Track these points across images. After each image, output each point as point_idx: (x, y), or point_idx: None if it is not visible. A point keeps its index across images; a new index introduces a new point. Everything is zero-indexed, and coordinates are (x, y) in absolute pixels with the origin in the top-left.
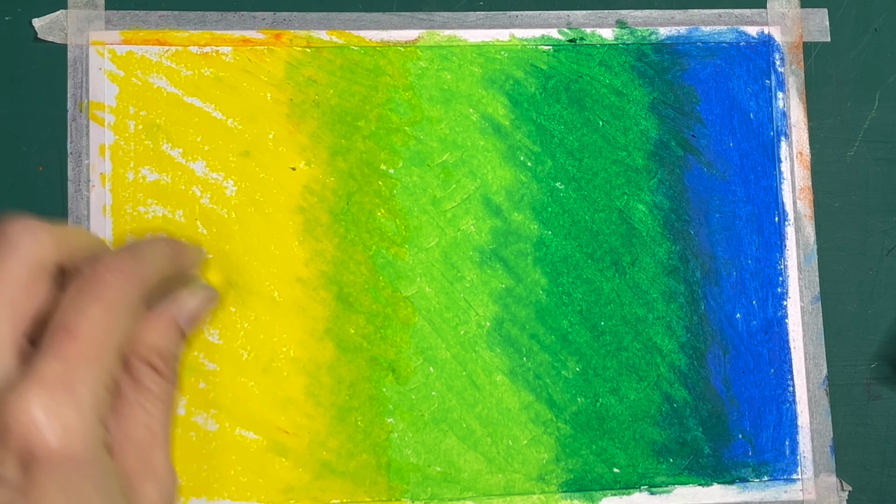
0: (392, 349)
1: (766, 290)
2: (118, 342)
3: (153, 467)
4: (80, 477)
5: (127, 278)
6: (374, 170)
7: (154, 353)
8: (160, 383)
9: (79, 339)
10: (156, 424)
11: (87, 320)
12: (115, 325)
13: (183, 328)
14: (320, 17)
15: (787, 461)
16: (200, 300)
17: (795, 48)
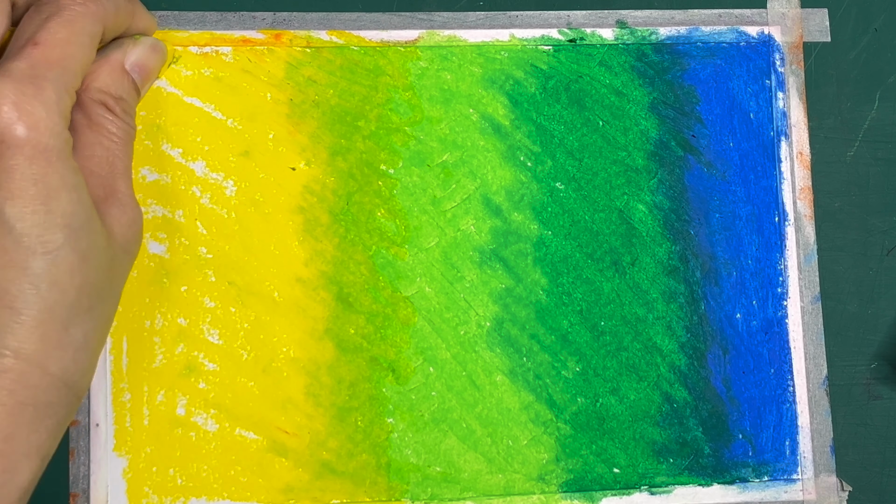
0: (392, 349)
1: (766, 290)
2: (79, 61)
3: (116, 195)
4: (48, 167)
5: (86, 8)
6: (374, 170)
7: (105, 94)
8: (115, 121)
9: (41, 46)
10: (115, 159)
11: (47, 32)
12: (76, 44)
13: (131, 75)
14: (320, 17)
15: (787, 461)
16: (150, 50)
17: (795, 48)
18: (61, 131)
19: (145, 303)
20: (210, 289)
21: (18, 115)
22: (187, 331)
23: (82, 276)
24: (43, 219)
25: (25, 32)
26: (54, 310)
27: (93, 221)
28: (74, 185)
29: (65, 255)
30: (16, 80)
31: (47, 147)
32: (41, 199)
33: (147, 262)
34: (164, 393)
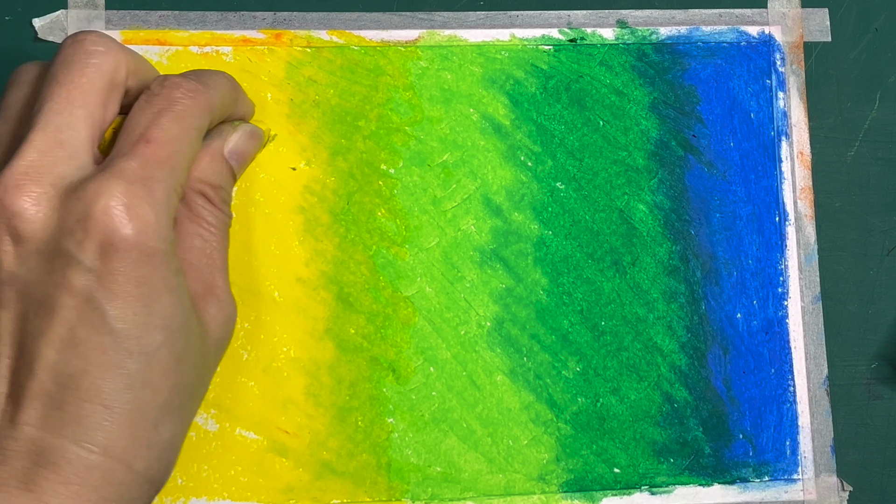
0: (392, 349)
1: (766, 289)
2: (187, 157)
3: (214, 290)
4: (153, 271)
5: (195, 100)
6: (375, 170)
7: (205, 184)
8: (213, 212)
9: (153, 144)
10: (213, 251)
11: (159, 129)
12: (185, 140)
13: (230, 163)
14: (320, 17)
15: (787, 461)
16: (246, 136)
17: (796, 48)
18: (168, 234)
19: None
20: None
21: (129, 217)
22: None
23: (176, 376)
24: (143, 320)
25: (138, 127)
26: (145, 409)
27: (190, 322)
28: (176, 287)
29: (161, 356)
30: (128, 181)
31: (154, 251)
32: (143, 302)
33: None
34: None
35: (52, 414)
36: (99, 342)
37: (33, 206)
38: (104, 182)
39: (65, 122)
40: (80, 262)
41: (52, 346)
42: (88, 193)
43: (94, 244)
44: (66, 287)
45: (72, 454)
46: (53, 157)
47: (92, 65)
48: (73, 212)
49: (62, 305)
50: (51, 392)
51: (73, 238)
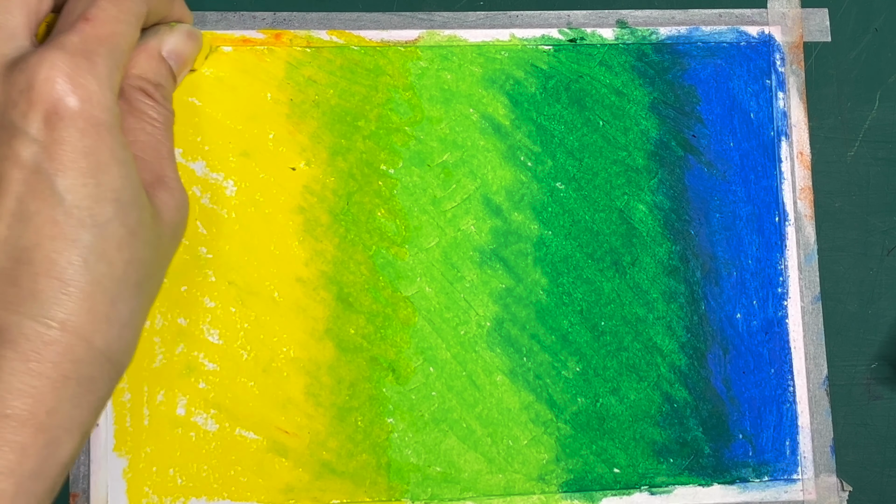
0: (392, 349)
1: (766, 290)
2: (126, 39)
3: (164, 179)
4: (99, 141)
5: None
6: (374, 170)
7: (144, 80)
8: (155, 107)
9: (93, 21)
10: (158, 144)
11: (98, 9)
12: (124, 21)
13: (168, 62)
14: (320, 17)
15: (787, 461)
16: (184, 36)
17: (796, 48)
18: (112, 106)
19: None
20: (210, 289)
21: (72, 87)
22: (187, 331)
23: (130, 250)
24: (93, 191)
25: (77, 8)
26: (102, 283)
27: (141, 198)
28: (124, 160)
29: (114, 228)
30: (69, 53)
31: (99, 120)
32: (92, 173)
33: None
34: (164, 393)
35: (7, 290)
36: (50, 214)
37: None
38: (46, 54)
39: (2, 5)
40: (26, 133)
41: (2, 221)
42: (30, 65)
43: (38, 114)
44: (12, 159)
45: (29, 330)
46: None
47: None
48: (16, 84)
49: (10, 178)
50: (4, 268)
51: (17, 109)
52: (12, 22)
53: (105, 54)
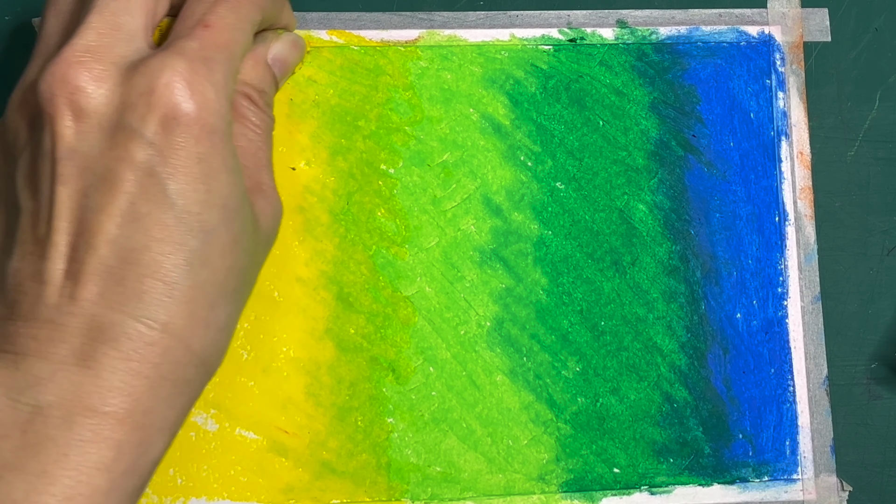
0: (392, 349)
1: (766, 289)
2: (242, 47)
3: (262, 186)
4: (212, 148)
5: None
6: (374, 170)
7: (249, 86)
8: (258, 113)
9: (212, 28)
10: (259, 150)
11: (217, 16)
12: (241, 29)
13: (272, 69)
14: (320, 16)
15: (787, 461)
16: (289, 44)
17: (796, 48)
18: (226, 113)
19: None
20: None
21: (191, 93)
22: None
23: (232, 257)
24: (203, 197)
25: (195, 13)
26: (204, 288)
27: (245, 206)
28: (233, 168)
29: (219, 235)
30: (189, 59)
31: (214, 127)
32: (203, 178)
33: None
34: None
35: (112, 289)
36: (160, 217)
37: (94, 81)
38: (167, 59)
39: (121, 6)
40: (143, 136)
41: (113, 221)
42: (151, 69)
43: (156, 118)
44: (127, 161)
45: (131, 330)
46: (112, 39)
47: None
48: (136, 87)
49: (124, 179)
50: (111, 267)
51: (136, 112)
52: (133, 24)
53: (223, 61)
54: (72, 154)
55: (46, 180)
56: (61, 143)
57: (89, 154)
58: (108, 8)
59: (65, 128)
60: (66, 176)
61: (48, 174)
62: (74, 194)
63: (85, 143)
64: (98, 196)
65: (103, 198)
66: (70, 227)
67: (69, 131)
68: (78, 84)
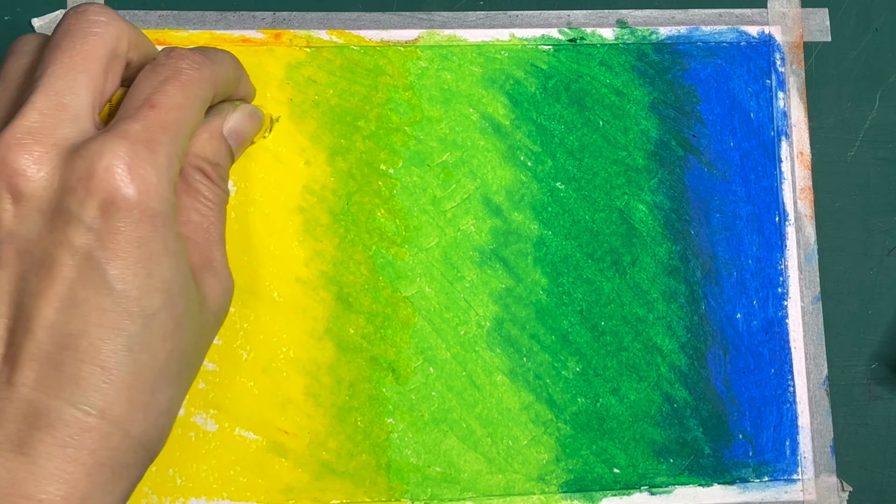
0: (392, 349)
1: (766, 290)
2: (190, 126)
3: (212, 263)
4: (153, 232)
5: (201, 72)
6: (374, 170)
7: (203, 160)
8: (211, 187)
9: (157, 109)
10: (210, 226)
11: (164, 95)
12: (189, 108)
13: (228, 141)
14: (320, 16)
15: (787, 461)
16: (246, 116)
17: (796, 48)
18: (169, 196)
19: None
20: None
21: (131, 177)
22: None
23: (174, 341)
24: (144, 282)
25: (142, 92)
26: (144, 373)
27: (189, 288)
28: (176, 251)
29: (160, 320)
30: (131, 142)
31: (155, 212)
32: (143, 263)
33: None
34: None
35: (49, 375)
36: (98, 302)
37: (34, 164)
38: (108, 142)
39: (66, 86)
40: (82, 221)
41: (51, 305)
42: (91, 152)
43: (95, 202)
44: (66, 245)
45: (68, 416)
46: (55, 119)
47: (94, 33)
48: (76, 170)
49: (62, 264)
50: (48, 352)
51: (75, 196)
52: (78, 103)
53: (167, 143)
54: (10, 238)
55: None
56: (0, 227)
57: (28, 237)
58: (53, 88)
59: (4, 211)
60: (4, 259)
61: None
62: (12, 278)
63: (24, 227)
64: (36, 280)
65: (41, 282)
66: (7, 311)
67: (8, 214)
68: (17, 167)
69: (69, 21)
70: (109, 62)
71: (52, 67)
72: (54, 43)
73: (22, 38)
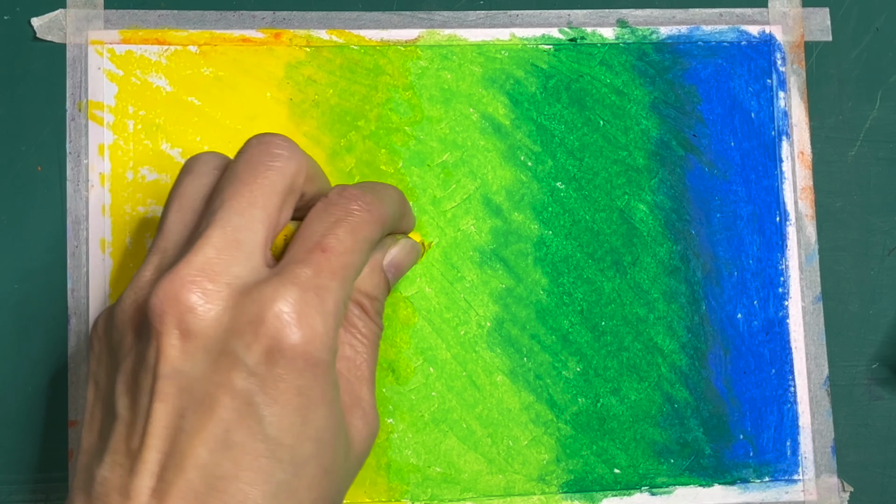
0: (392, 349)
1: (767, 290)
2: (358, 269)
3: (360, 402)
4: (314, 381)
5: (371, 214)
6: (374, 170)
7: (363, 294)
8: (367, 323)
9: (328, 253)
10: (363, 363)
11: (335, 238)
12: (358, 252)
13: (387, 276)
14: (320, 16)
15: (788, 462)
16: (406, 250)
17: (797, 47)
18: (333, 344)
19: None
20: None
21: (299, 325)
22: None
23: (320, 489)
24: (298, 430)
25: (314, 234)
26: None
27: (340, 436)
28: (332, 400)
29: (310, 468)
30: (302, 288)
31: (318, 360)
32: (300, 412)
33: None
34: None
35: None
36: (252, 447)
37: (206, 302)
38: (279, 287)
39: (244, 222)
40: (245, 364)
41: (205, 446)
42: (263, 296)
43: (261, 347)
44: (228, 387)
45: None
46: (230, 257)
47: (275, 167)
48: (246, 313)
49: (221, 405)
50: (197, 492)
51: (242, 339)
52: (253, 240)
53: (336, 289)
54: (174, 374)
55: (146, 394)
56: (165, 362)
57: (191, 375)
58: (230, 223)
59: (170, 346)
60: (165, 394)
61: (148, 389)
62: (171, 413)
63: (188, 364)
64: (194, 419)
65: (199, 421)
66: (162, 446)
67: (174, 350)
68: (189, 304)
69: (251, 151)
70: (286, 197)
71: (231, 201)
72: (234, 173)
73: (200, 158)
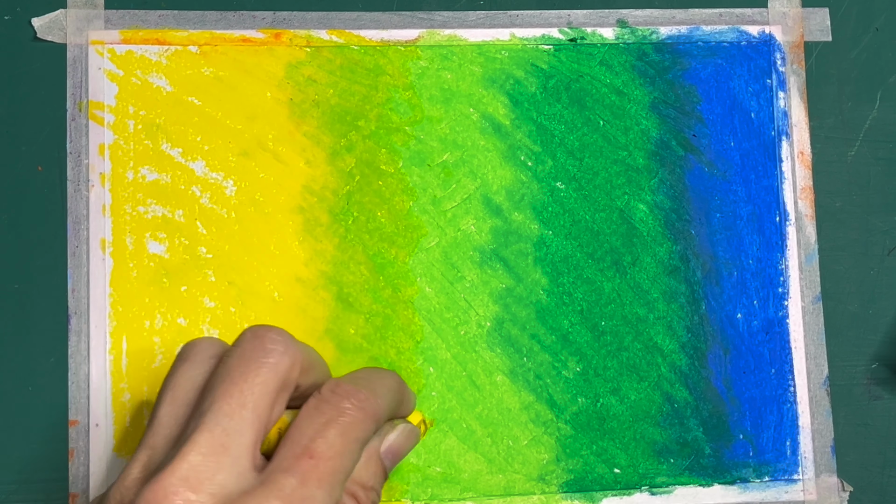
0: (392, 349)
1: (766, 290)
2: (348, 471)
3: None
4: None
5: (364, 413)
6: (374, 170)
7: (358, 485)
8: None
9: (316, 459)
10: None
11: (325, 442)
12: (348, 454)
13: (385, 463)
14: (320, 16)
15: (787, 461)
16: (405, 437)
17: (796, 47)
18: None
19: (145, 303)
20: (210, 289)
21: None
22: (187, 331)
23: None
24: None
25: (303, 437)
26: None
27: None
28: None
29: None
30: (286, 501)
31: None
32: None
33: (147, 262)
34: None
35: None
36: None
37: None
38: (262, 501)
39: (233, 426)
40: None
41: None
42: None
43: None
44: None
45: None
46: (216, 463)
47: (269, 364)
48: None
49: None
50: None
51: None
52: (240, 444)
53: (322, 498)
54: None
55: None
56: None
57: None
58: (218, 425)
59: None
60: None
61: None
62: None
63: None
64: None
65: None
66: None
67: None
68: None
69: (245, 346)
70: (279, 393)
71: (220, 402)
72: (227, 369)
73: (196, 345)
